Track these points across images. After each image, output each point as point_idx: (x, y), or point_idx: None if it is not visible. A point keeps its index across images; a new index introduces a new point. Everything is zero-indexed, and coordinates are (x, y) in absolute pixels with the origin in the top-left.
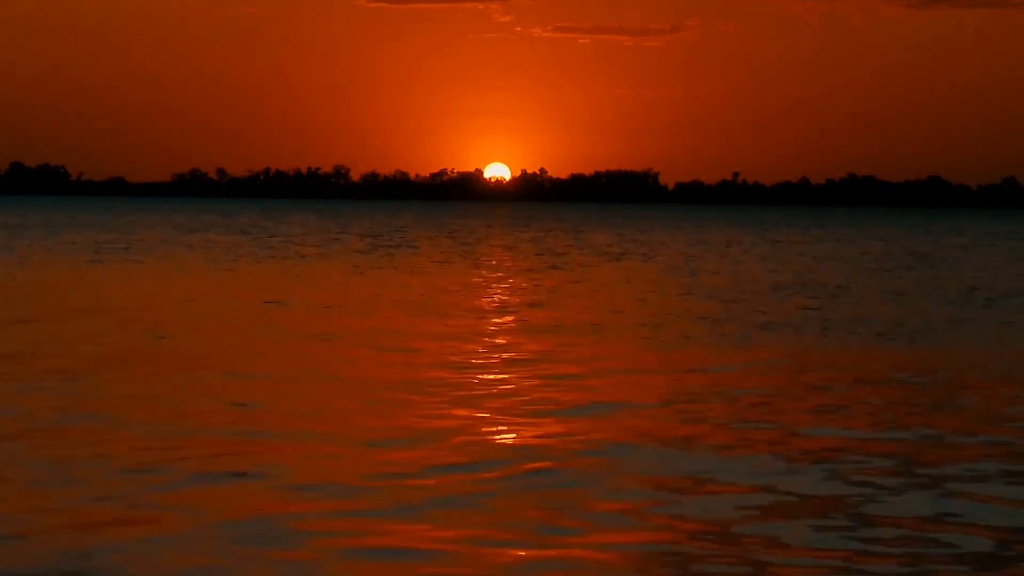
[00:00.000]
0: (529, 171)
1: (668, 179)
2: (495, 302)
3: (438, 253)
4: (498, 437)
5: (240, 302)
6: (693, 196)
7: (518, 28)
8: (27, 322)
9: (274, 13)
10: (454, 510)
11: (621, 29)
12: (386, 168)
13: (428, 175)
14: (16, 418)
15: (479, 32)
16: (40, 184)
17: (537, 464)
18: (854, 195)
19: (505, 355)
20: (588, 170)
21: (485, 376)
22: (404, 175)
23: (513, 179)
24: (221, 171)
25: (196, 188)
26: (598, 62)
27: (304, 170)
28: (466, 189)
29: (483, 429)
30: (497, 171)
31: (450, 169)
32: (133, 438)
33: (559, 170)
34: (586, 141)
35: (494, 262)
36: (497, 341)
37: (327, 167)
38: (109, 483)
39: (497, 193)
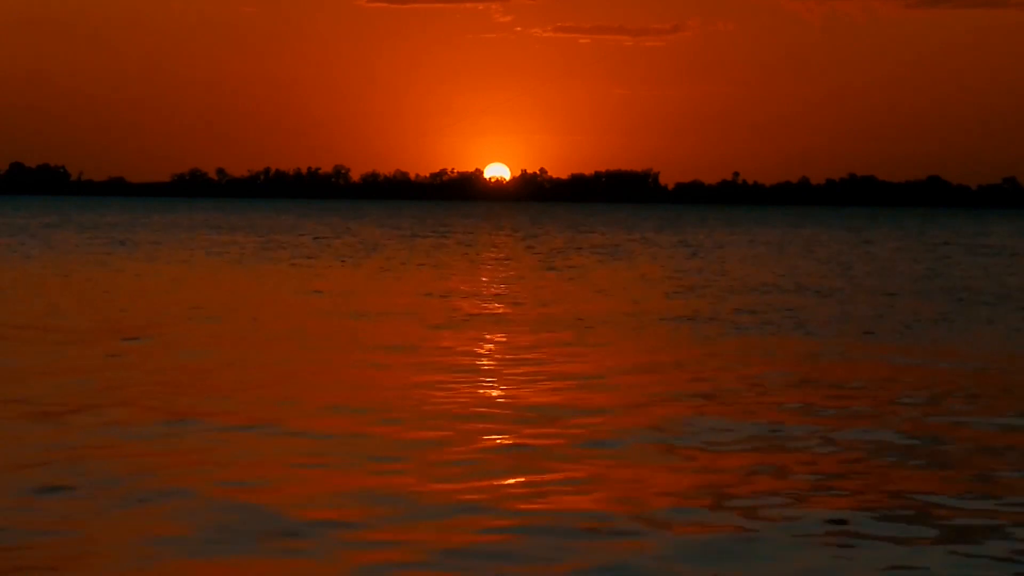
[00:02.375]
0: (529, 171)
1: (668, 179)
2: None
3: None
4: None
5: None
6: (693, 196)
7: (518, 28)
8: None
9: (273, 13)
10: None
11: (621, 29)
12: (386, 168)
13: (428, 175)
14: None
15: (479, 32)
16: (40, 184)
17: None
18: (854, 195)
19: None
20: (588, 170)
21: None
22: (404, 175)
23: (513, 179)
24: (221, 171)
25: (196, 188)
26: (598, 62)
27: (304, 170)
28: (466, 189)
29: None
30: (497, 171)
31: (450, 169)
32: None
33: (559, 170)
34: (586, 141)
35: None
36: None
37: (327, 167)
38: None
39: (497, 193)
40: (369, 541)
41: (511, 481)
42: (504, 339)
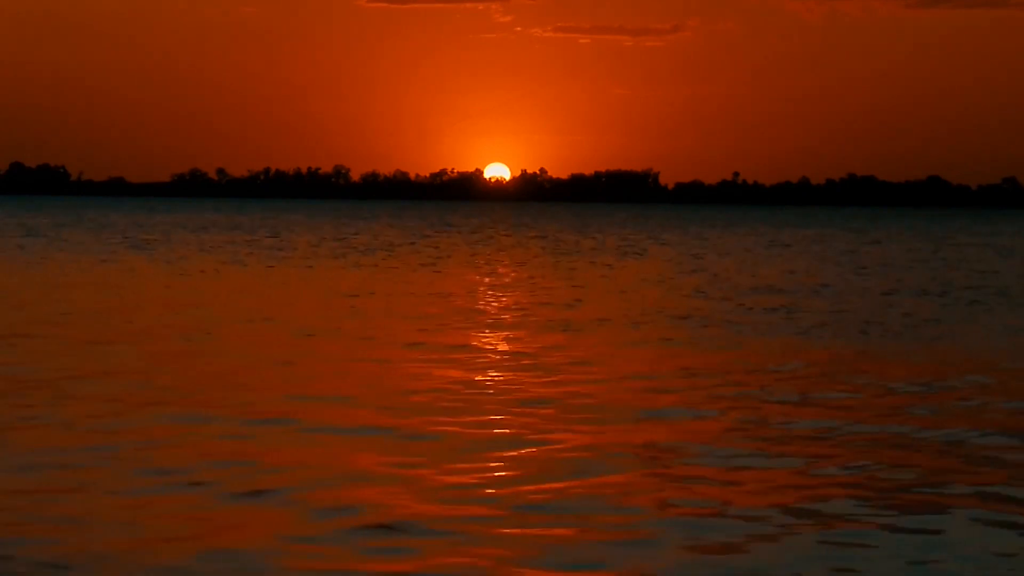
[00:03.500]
0: (529, 171)
1: (668, 179)
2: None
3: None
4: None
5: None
6: (693, 196)
7: (518, 28)
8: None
9: (274, 13)
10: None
11: (621, 29)
12: (386, 168)
13: (428, 175)
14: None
15: (479, 32)
16: (40, 184)
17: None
18: (854, 195)
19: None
20: (588, 170)
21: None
22: (404, 175)
23: (513, 179)
24: (221, 171)
25: (196, 188)
26: (598, 62)
27: (304, 170)
28: (466, 189)
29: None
30: (497, 171)
31: (450, 169)
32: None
33: (559, 170)
34: (586, 141)
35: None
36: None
37: (327, 167)
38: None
39: (497, 193)
40: (472, 536)
41: (606, 480)
42: (543, 339)
